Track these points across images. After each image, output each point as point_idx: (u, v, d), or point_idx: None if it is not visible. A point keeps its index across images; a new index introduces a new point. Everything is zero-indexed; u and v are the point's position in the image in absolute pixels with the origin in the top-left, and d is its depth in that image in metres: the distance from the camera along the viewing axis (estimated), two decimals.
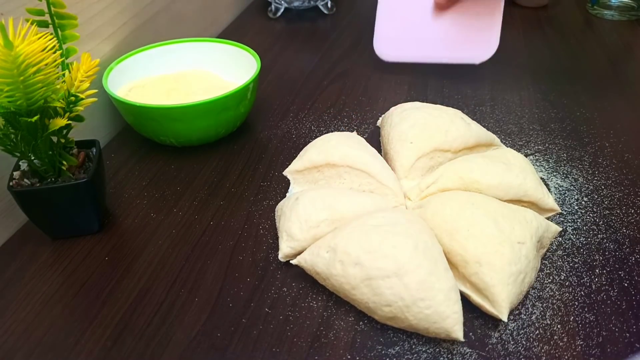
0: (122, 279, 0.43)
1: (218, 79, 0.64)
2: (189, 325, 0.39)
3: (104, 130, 0.60)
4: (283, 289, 0.42)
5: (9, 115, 0.39)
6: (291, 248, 0.43)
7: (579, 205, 0.49)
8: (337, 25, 0.89)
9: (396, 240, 0.38)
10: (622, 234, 0.46)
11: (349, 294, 0.39)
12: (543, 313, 0.39)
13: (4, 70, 0.35)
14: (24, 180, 0.43)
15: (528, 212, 0.42)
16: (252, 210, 0.49)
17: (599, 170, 0.53)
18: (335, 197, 0.44)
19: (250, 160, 0.56)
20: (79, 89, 0.41)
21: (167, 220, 0.48)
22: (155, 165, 0.56)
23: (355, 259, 0.38)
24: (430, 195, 0.45)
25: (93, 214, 0.46)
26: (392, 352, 0.37)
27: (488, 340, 0.37)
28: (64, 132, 0.44)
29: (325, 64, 0.76)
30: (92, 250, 0.45)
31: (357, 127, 0.61)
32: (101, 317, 0.40)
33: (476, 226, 0.39)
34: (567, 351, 0.36)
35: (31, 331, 0.39)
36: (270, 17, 0.91)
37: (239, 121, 0.59)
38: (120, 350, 0.37)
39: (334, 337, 0.38)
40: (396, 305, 0.36)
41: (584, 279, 0.42)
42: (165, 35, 0.70)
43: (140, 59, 0.62)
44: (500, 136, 0.59)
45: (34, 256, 0.45)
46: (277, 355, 0.37)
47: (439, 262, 0.37)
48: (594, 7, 0.92)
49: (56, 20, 0.44)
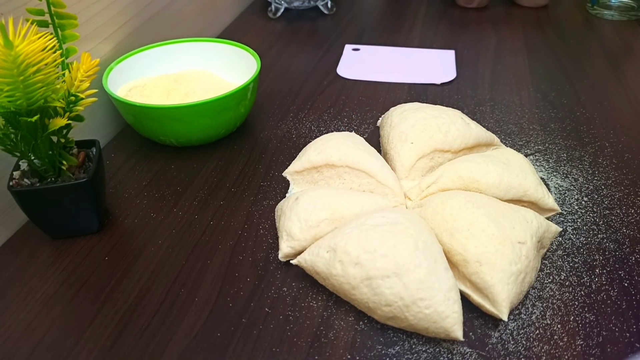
0: (122, 279, 0.43)
1: (218, 79, 0.64)
2: (188, 325, 0.39)
3: (104, 130, 0.60)
4: (283, 289, 0.42)
5: (9, 115, 0.39)
6: (291, 248, 0.43)
7: (579, 205, 0.49)
8: (337, 26, 0.89)
9: (396, 240, 0.38)
10: (622, 233, 0.46)
11: (349, 293, 0.39)
12: (543, 313, 0.39)
13: (4, 70, 0.35)
14: (24, 180, 0.43)
15: (528, 212, 0.42)
16: (252, 210, 0.49)
17: (599, 170, 0.53)
18: (335, 197, 0.44)
19: (250, 160, 0.56)
20: (79, 89, 0.41)
21: (167, 220, 0.48)
22: (155, 165, 0.56)
23: (355, 259, 0.38)
24: (430, 195, 0.45)
25: (93, 214, 0.46)
26: (392, 352, 0.37)
27: (488, 340, 0.37)
28: (64, 131, 0.44)
29: (325, 64, 0.76)
30: (92, 250, 0.45)
31: (357, 127, 0.61)
32: (101, 316, 0.40)
33: (476, 225, 0.39)
34: (567, 351, 0.36)
35: (31, 331, 0.39)
36: (271, 17, 0.91)
37: (239, 121, 0.59)
38: (121, 349, 0.37)
39: (334, 336, 0.38)
40: (396, 305, 0.36)
41: (584, 278, 0.42)
42: (166, 35, 0.70)
43: (140, 59, 0.62)
44: (500, 136, 0.59)
45: (34, 256, 0.45)
46: (277, 355, 0.37)
47: (439, 262, 0.37)
48: (594, 7, 0.92)
49: (56, 20, 0.44)
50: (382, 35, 0.85)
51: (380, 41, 0.83)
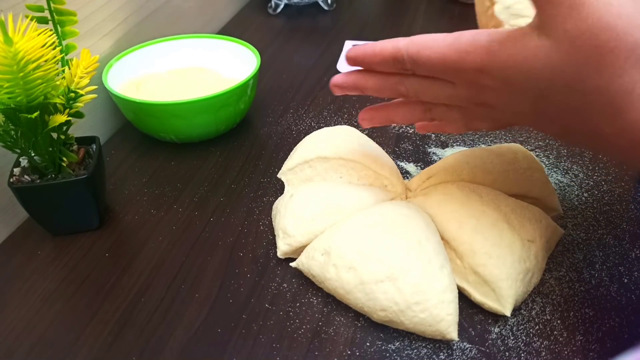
0: (122, 275, 0.43)
1: (218, 75, 0.63)
2: (189, 321, 0.39)
3: (104, 127, 0.60)
4: (283, 285, 0.42)
5: (9, 111, 0.39)
6: (288, 245, 0.42)
7: (579, 200, 0.49)
8: (337, 22, 0.89)
9: (390, 241, 0.37)
10: (622, 229, 0.46)
11: (344, 298, 0.38)
12: (543, 308, 0.39)
13: (3, 67, 0.35)
14: (24, 176, 0.43)
15: (537, 211, 0.42)
16: (252, 206, 0.49)
17: (599, 166, 0.53)
18: (329, 190, 0.43)
19: (250, 156, 0.56)
20: (79, 85, 0.41)
21: (167, 216, 0.49)
22: (155, 162, 0.56)
23: (349, 263, 0.37)
24: (431, 186, 0.45)
25: (93, 211, 0.46)
26: (392, 348, 0.37)
27: (488, 335, 0.37)
28: (64, 128, 0.44)
29: (325, 60, 0.76)
30: (92, 247, 0.45)
31: (357, 124, 0.61)
32: (102, 313, 0.40)
33: (486, 218, 0.39)
34: (567, 346, 0.36)
35: (32, 327, 0.39)
36: (270, 14, 0.91)
37: (239, 117, 0.59)
38: (121, 345, 0.37)
39: (334, 332, 0.38)
40: (391, 309, 0.36)
41: (584, 274, 0.42)
42: (165, 31, 0.70)
43: (140, 56, 0.62)
44: (501, 132, 0.59)
45: (34, 252, 0.45)
46: (278, 350, 0.37)
47: (433, 261, 0.37)
48: None
49: (56, 16, 0.44)
50: (382, 31, 0.85)
51: (380, 37, 0.82)
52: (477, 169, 0.44)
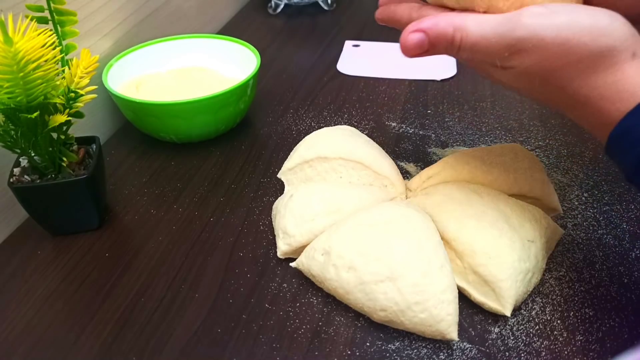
0: (122, 275, 0.43)
1: (218, 75, 0.63)
2: (189, 321, 0.39)
3: (104, 127, 0.60)
4: (283, 285, 0.42)
5: (9, 111, 0.39)
6: (288, 245, 0.42)
7: (579, 200, 0.49)
8: (337, 22, 0.89)
9: (390, 241, 0.37)
10: (622, 229, 0.46)
11: (344, 298, 0.38)
12: (543, 308, 0.39)
13: (3, 67, 0.35)
14: (24, 176, 0.43)
15: (537, 211, 0.42)
16: (252, 206, 0.49)
17: (599, 166, 0.53)
18: (329, 190, 0.43)
19: (250, 156, 0.56)
20: (79, 85, 0.41)
21: (167, 216, 0.49)
22: (155, 162, 0.56)
23: (349, 263, 0.37)
24: (432, 186, 0.45)
25: (93, 210, 0.46)
26: (392, 348, 0.37)
27: (488, 335, 0.37)
28: (64, 128, 0.44)
29: (325, 60, 0.76)
30: (92, 247, 0.45)
31: (357, 124, 0.61)
32: (102, 312, 0.40)
33: (486, 218, 0.39)
34: (567, 346, 0.36)
35: (32, 327, 0.39)
36: (270, 13, 0.91)
37: (239, 117, 0.59)
38: (121, 345, 0.37)
39: (334, 332, 0.38)
40: (391, 309, 0.36)
41: (584, 274, 0.42)
42: (165, 31, 0.70)
43: (140, 56, 0.62)
44: (501, 132, 0.59)
45: (34, 252, 0.45)
46: (278, 350, 0.37)
47: (433, 261, 0.37)
48: None
49: (56, 16, 0.44)
50: (382, 31, 0.85)
51: (380, 37, 0.82)
52: (477, 169, 0.44)
